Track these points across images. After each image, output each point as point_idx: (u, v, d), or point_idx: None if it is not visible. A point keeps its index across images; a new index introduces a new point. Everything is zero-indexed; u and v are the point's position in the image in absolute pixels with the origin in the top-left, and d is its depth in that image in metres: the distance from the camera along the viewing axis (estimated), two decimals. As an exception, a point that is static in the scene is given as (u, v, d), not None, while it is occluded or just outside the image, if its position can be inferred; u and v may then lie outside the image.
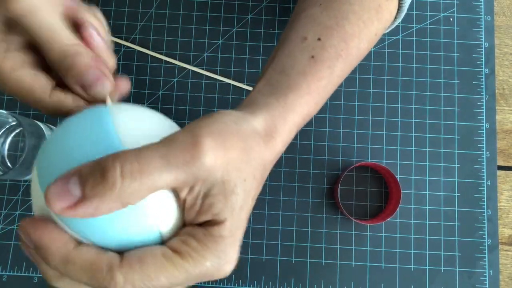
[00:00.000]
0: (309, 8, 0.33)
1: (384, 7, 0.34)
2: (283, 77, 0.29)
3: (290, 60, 0.30)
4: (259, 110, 0.27)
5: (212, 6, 0.54)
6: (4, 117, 0.46)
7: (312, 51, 0.30)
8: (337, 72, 0.31)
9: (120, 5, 0.54)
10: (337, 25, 0.31)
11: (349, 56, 0.32)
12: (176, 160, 0.20)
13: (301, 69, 0.29)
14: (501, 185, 0.51)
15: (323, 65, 0.30)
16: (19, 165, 0.41)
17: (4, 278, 0.48)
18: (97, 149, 0.21)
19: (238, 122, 0.24)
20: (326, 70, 0.30)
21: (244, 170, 0.23)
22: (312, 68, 0.30)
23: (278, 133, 0.26)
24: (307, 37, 0.31)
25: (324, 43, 0.31)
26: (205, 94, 0.52)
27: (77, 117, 0.23)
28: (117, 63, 0.53)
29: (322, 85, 0.30)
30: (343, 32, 0.31)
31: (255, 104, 0.27)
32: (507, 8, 0.55)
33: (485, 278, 0.48)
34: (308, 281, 0.48)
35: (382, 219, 0.47)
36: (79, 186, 0.19)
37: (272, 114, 0.27)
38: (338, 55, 0.31)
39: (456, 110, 0.52)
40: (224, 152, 0.22)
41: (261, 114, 0.26)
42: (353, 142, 0.51)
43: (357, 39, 0.32)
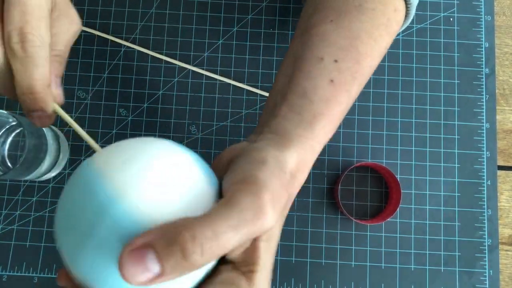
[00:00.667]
0: (320, 25, 0.33)
1: (393, 19, 0.34)
2: (306, 103, 0.29)
3: (310, 84, 0.30)
4: (293, 147, 0.27)
5: (212, 6, 0.54)
6: (4, 117, 0.46)
7: (330, 74, 0.30)
8: (353, 95, 0.32)
9: (120, 5, 0.54)
10: (351, 45, 0.31)
11: (363, 76, 0.32)
12: (247, 230, 0.21)
13: (323, 94, 0.30)
14: (501, 185, 0.51)
15: (341, 89, 0.30)
16: (19, 165, 0.41)
17: (4, 278, 0.48)
18: (102, 216, 0.21)
19: (282, 167, 0.25)
20: (345, 94, 0.31)
21: (281, 215, 0.25)
22: (333, 92, 0.30)
23: (307, 166, 0.28)
24: (324, 58, 0.31)
25: (341, 65, 0.31)
26: (205, 94, 0.52)
27: (72, 186, 0.23)
28: (118, 63, 0.53)
29: (341, 110, 0.31)
30: (356, 53, 0.31)
31: (287, 136, 0.28)
32: (507, 8, 0.55)
33: (485, 278, 0.48)
34: (308, 281, 0.48)
35: (382, 219, 0.47)
36: (158, 262, 0.19)
37: (304, 148, 0.28)
38: (354, 77, 0.31)
39: (456, 110, 0.52)
40: (279, 209, 0.23)
41: (295, 151, 0.27)
42: (353, 142, 0.51)
43: (370, 58, 0.32)
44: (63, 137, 0.50)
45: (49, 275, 0.48)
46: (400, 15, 0.35)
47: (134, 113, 0.52)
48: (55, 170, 0.50)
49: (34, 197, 0.50)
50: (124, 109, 0.52)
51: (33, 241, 0.49)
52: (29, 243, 0.49)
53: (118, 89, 0.52)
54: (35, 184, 0.50)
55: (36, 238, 0.49)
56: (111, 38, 0.53)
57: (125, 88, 0.52)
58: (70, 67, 0.53)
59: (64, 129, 0.51)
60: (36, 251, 0.49)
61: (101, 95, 0.52)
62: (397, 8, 0.34)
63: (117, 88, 0.52)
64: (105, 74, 0.53)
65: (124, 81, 0.52)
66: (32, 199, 0.50)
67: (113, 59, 0.53)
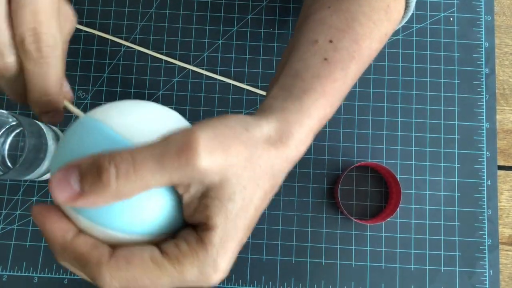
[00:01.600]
0: (318, 11, 0.33)
1: (393, 7, 0.34)
2: (297, 81, 0.29)
3: (302, 64, 0.30)
4: (273, 115, 0.26)
5: (212, 6, 0.54)
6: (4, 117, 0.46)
7: (324, 54, 0.30)
8: (351, 74, 0.31)
9: (120, 5, 0.54)
10: (348, 27, 0.31)
11: (362, 57, 0.32)
12: (170, 162, 0.20)
13: (315, 71, 0.29)
14: (501, 185, 0.51)
15: (336, 66, 0.30)
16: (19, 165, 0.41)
17: (4, 278, 0.48)
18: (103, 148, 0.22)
19: (248, 127, 0.24)
20: (340, 72, 0.30)
21: (245, 177, 0.22)
22: (326, 70, 0.29)
23: (293, 138, 0.25)
24: (318, 40, 0.31)
25: (336, 45, 0.30)
26: (205, 94, 0.52)
27: (75, 129, 0.24)
28: (117, 63, 0.53)
29: (337, 87, 0.29)
30: (354, 34, 0.31)
31: (269, 109, 0.26)
32: (507, 8, 0.55)
33: (485, 278, 0.48)
34: (308, 281, 0.48)
35: (382, 219, 0.47)
36: (79, 181, 0.20)
37: (287, 119, 0.26)
38: (351, 56, 0.31)
39: (456, 110, 0.52)
40: (223, 157, 0.21)
41: (275, 119, 0.25)
42: (353, 142, 0.51)
43: (369, 39, 0.32)
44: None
45: (49, 275, 0.48)
46: (400, 5, 0.35)
47: (134, 113, 0.52)
48: (55, 170, 0.50)
49: (34, 197, 0.50)
50: (124, 109, 0.52)
51: (33, 241, 0.49)
52: (29, 243, 0.49)
53: (118, 89, 0.52)
54: (35, 184, 0.50)
55: (36, 238, 0.49)
56: (111, 38, 0.53)
57: (125, 88, 0.52)
58: (70, 67, 0.53)
59: (64, 129, 0.51)
60: (36, 251, 0.49)
61: (101, 95, 0.52)
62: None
63: (117, 88, 0.52)
64: (105, 74, 0.53)
65: (124, 81, 0.52)
66: (32, 199, 0.50)
67: (113, 59, 0.53)
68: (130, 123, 0.23)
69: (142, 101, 0.25)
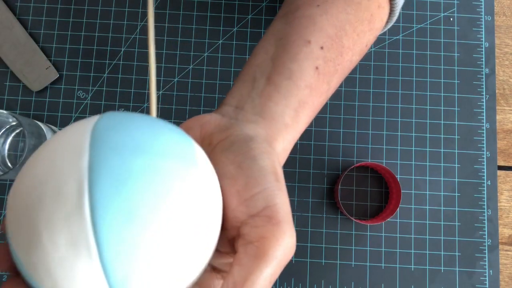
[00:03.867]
0: (306, 8, 0.32)
1: (376, 16, 0.34)
2: (292, 86, 0.29)
3: (296, 65, 0.29)
4: (281, 139, 0.27)
5: (212, 6, 0.54)
6: (4, 117, 0.46)
7: (316, 61, 0.30)
8: (332, 88, 0.31)
9: (120, 5, 0.54)
10: (336, 36, 0.31)
11: (343, 71, 0.32)
12: (279, 268, 0.22)
13: (308, 81, 0.29)
14: (501, 185, 0.51)
15: (324, 80, 0.30)
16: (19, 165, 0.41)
17: (4, 278, 0.48)
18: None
19: (277, 174, 0.25)
20: (325, 86, 0.30)
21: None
22: (316, 81, 0.30)
23: (285, 158, 0.28)
24: (311, 42, 0.30)
25: (326, 54, 0.30)
26: (205, 94, 0.52)
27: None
28: (118, 63, 0.53)
29: (321, 101, 0.30)
30: (340, 45, 0.31)
31: (274, 124, 0.27)
32: (507, 8, 0.55)
33: (485, 278, 0.48)
34: (308, 281, 0.48)
35: (382, 219, 0.47)
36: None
37: (289, 140, 0.28)
38: (335, 69, 0.31)
39: (456, 110, 0.52)
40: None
41: (282, 143, 0.27)
42: (353, 142, 0.51)
43: (351, 52, 0.32)
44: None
45: (49, 275, 0.48)
46: (383, 12, 0.35)
47: (134, 113, 0.52)
48: (55, 170, 0.50)
49: (34, 197, 0.50)
50: (124, 109, 0.52)
51: (33, 241, 0.49)
52: (29, 243, 0.49)
53: (118, 89, 0.52)
54: (35, 184, 0.50)
55: (36, 238, 0.49)
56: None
57: (125, 88, 0.52)
58: (70, 67, 0.53)
59: (64, 129, 0.51)
60: (36, 251, 0.49)
61: (101, 95, 0.52)
62: (381, 4, 0.34)
63: (117, 88, 0.52)
64: (105, 74, 0.53)
65: (124, 81, 0.52)
66: (32, 199, 0.50)
67: (113, 59, 0.53)
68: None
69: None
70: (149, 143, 0.19)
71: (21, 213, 0.19)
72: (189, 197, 0.19)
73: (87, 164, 0.18)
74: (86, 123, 0.21)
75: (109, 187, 0.18)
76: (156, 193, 0.18)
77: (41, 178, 0.19)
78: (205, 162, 0.22)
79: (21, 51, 0.52)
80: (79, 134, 0.20)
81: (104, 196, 0.17)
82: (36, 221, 0.18)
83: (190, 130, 0.27)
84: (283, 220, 0.22)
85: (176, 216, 0.19)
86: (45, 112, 0.51)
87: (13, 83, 0.52)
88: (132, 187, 0.18)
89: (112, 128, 0.20)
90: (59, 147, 0.19)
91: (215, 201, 0.21)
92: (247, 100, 0.28)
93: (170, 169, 0.19)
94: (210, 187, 0.21)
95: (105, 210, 0.17)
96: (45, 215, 0.18)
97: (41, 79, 0.51)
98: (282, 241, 0.21)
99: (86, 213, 0.17)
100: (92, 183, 0.18)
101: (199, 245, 0.20)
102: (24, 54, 0.52)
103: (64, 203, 0.18)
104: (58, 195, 0.18)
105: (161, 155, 0.19)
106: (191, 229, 0.19)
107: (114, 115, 0.21)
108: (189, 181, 0.20)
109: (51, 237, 0.17)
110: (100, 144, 0.19)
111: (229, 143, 0.25)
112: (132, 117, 0.21)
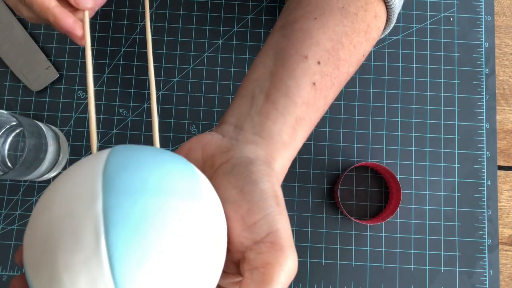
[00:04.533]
0: (304, 20, 0.32)
1: (373, 26, 0.34)
2: (289, 104, 0.29)
3: (294, 82, 0.30)
4: (279, 158, 0.28)
5: (212, 6, 0.54)
6: (4, 117, 0.46)
7: (313, 77, 0.30)
8: (329, 101, 0.32)
9: (120, 5, 0.54)
10: (333, 49, 0.31)
11: (339, 83, 0.32)
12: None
13: (305, 97, 0.30)
14: (501, 185, 0.51)
15: (321, 95, 0.31)
16: (19, 165, 0.41)
17: (4, 278, 0.48)
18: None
19: (278, 196, 0.25)
20: (322, 100, 0.31)
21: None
22: (313, 97, 0.30)
23: (283, 175, 0.29)
24: (308, 57, 0.30)
25: (323, 69, 0.31)
26: (205, 94, 0.52)
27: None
28: (118, 63, 0.53)
29: (318, 116, 0.31)
30: (337, 58, 0.31)
31: (273, 144, 0.28)
32: (507, 8, 0.55)
33: (485, 278, 0.48)
34: (308, 281, 0.48)
35: (382, 219, 0.47)
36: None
37: (288, 159, 0.29)
38: (332, 83, 0.31)
39: (456, 110, 0.52)
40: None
41: (281, 163, 0.28)
42: (353, 142, 0.51)
43: (348, 64, 0.32)
44: (63, 137, 0.50)
45: (49, 275, 0.48)
46: (380, 21, 0.35)
47: (134, 113, 0.52)
48: (55, 170, 0.50)
49: (34, 197, 0.50)
50: (124, 109, 0.52)
51: (33, 241, 0.49)
52: (29, 243, 0.49)
53: (118, 89, 0.52)
54: (35, 184, 0.50)
55: (36, 238, 0.49)
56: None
57: (125, 88, 0.52)
58: (70, 67, 0.53)
59: (64, 129, 0.51)
60: (36, 251, 0.49)
61: (101, 95, 0.52)
62: (377, 14, 0.34)
63: (117, 88, 0.52)
64: (105, 74, 0.53)
65: (124, 81, 0.52)
66: (32, 199, 0.50)
67: (113, 59, 0.53)
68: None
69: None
70: (158, 184, 0.21)
71: (39, 254, 0.20)
72: (198, 231, 0.21)
73: (101, 209, 0.20)
74: (96, 161, 0.22)
75: (123, 231, 0.19)
76: (167, 233, 0.20)
77: (58, 222, 0.20)
78: (210, 192, 0.24)
79: (21, 51, 0.52)
80: (91, 175, 0.21)
81: (120, 240, 0.19)
82: (56, 264, 0.19)
83: (192, 152, 0.28)
84: (286, 245, 0.23)
85: (186, 252, 0.20)
86: (45, 112, 0.51)
87: (13, 83, 0.52)
88: (145, 229, 0.19)
89: (122, 169, 0.21)
90: (73, 189, 0.21)
91: (220, 229, 0.23)
92: (246, 119, 0.29)
93: (178, 208, 0.21)
94: (215, 217, 0.23)
95: (122, 253, 0.19)
96: (65, 259, 0.19)
97: (41, 79, 0.51)
98: (285, 266, 0.22)
99: (103, 257, 0.19)
100: (108, 227, 0.19)
101: (208, 275, 0.22)
102: (24, 54, 0.52)
103: (83, 248, 0.19)
104: (76, 241, 0.19)
105: (170, 194, 0.21)
106: (201, 261, 0.21)
107: (122, 151, 0.23)
108: (197, 216, 0.21)
109: (71, 280, 0.19)
110: (112, 188, 0.20)
111: (230, 166, 0.26)
112: (139, 154, 0.23)
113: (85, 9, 0.33)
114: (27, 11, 0.33)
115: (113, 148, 0.23)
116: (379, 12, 0.34)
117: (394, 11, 0.35)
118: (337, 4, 0.32)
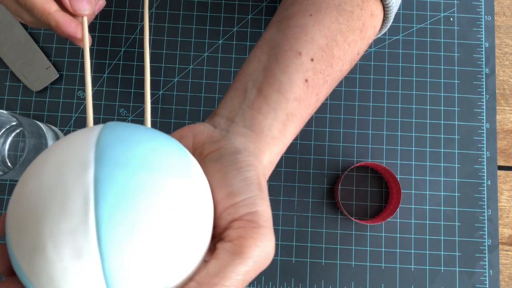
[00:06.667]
0: (299, 17, 0.32)
1: (368, 24, 0.34)
2: (281, 99, 0.29)
3: (287, 78, 0.30)
4: (268, 151, 0.28)
5: (212, 6, 0.54)
6: (4, 117, 0.46)
7: (306, 74, 0.30)
8: (321, 99, 0.32)
9: (120, 5, 0.54)
10: (327, 46, 0.31)
11: (332, 81, 0.32)
12: (258, 270, 0.23)
13: (297, 93, 0.30)
14: (502, 185, 0.51)
15: (313, 92, 0.31)
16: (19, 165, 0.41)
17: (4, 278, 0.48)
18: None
19: (264, 186, 0.26)
20: (314, 97, 0.31)
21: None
22: (305, 94, 0.30)
23: (271, 170, 0.29)
24: (302, 53, 0.30)
25: (316, 66, 0.31)
26: (205, 94, 0.52)
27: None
28: (118, 63, 0.53)
29: (309, 113, 0.31)
30: (330, 56, 0.31)
31: (263, 137, 0.28)
32: (507, 8, 0.55)
33: (485, 278, 0.48)
34: (308, 281, 0.48)
35: (382, 219, 0.47)
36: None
37: (276, 153, 0.29)
38: (324, 81, 0.31)
39: (456, 110, 0.52)
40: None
41: (269, 155, 0.28)
42: (353, 142, 0.51)
43: (341, 62, 0.32)
44: (63, 137, 0.51)
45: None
46: (376, 20, 0.35)
47: (134, 113, 0.52)
48: (55, 170, 0.50)
49: (34, 197, 0.50)
50: (124, 109, 0.52)
51: (33, 241, 0.49)
52: (29, 243, 0.49)
53: (118, 89, 0.52)
54: (35, 184, 0.50)
55: (36, 238, 0.49)
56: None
57: (125, 88, 0.52)
58: (70, 67, 0.53)
59: (64, 129, 0.51)
60: (36, 251, 0.49)
61: (101, 95, 0.52)
62: (374, 12, 0.34)
63: (117, 88, 0.52)
64: (105, 74, 0.53)
65: (124, 81, 0.52)
66: (32, 199, 0.50)
67: (113, 59, 0.53)
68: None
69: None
70: (150, 160, 0.21)
71: (24, 221, 0.19)
72: (185, 209, 0.21)
73: (92, 179, 0.19)
74: (89, 134, 0.21)
75: (113, 202, 0.19)
76: (156, 208, 0.19)
77: (46, 189, 0.19)
78: (199, 174, 0.24)
79: (21, 51, 0.52)
80: (84, 146, 0.20)
81: (109, 211, 0.18)
82: (41, 231, 0.19)
83: (183, 139, 0.28)
84: (263, 225, 0.23)
85: (173, 227, 0.20)
86: (45, 112, 0.51)
87: (13, 83, 0.52)
88: (134, 203, 0.19)
89: (115, 142, 0.21)
90: (64, 158, 0.20)
91: (207, 209, 0.23)
92: (238, 112, 0.29)
93: (169, 185, 0.20)
94: (203, 198, 0.23)
95: (110, 225, 0.18)
96: (51, 226, 0.18)
97: (41, 79, 0.51)
98: (260, 242, 0.22)
99: (91, 227, 0.18)
100: (98, 197, 0.19)
101: (193, 253, 0.21)
102: (24, 54, 0.52)
103: (70, 216, 0.18)
104: (64, 208, 0.19)
105: (161, 171, 0.21)
106: (187, 237, 0.21)
107: (116, 126, 0.22)
108: (185, 194, 0.21)
109: (56, 248, 0.18)
110: (105, 159, 0.20)
111: (218, 155, 0.26)
112: (133, 130, 0.22)
113: (83, 16, 0.33)
114: (28, 16, 0.33)
115: (107, 123, 0.23)
116: (375, 10, 0.34)
117: (391, 10, 0.35)
118: (333, 2, 0.32)
